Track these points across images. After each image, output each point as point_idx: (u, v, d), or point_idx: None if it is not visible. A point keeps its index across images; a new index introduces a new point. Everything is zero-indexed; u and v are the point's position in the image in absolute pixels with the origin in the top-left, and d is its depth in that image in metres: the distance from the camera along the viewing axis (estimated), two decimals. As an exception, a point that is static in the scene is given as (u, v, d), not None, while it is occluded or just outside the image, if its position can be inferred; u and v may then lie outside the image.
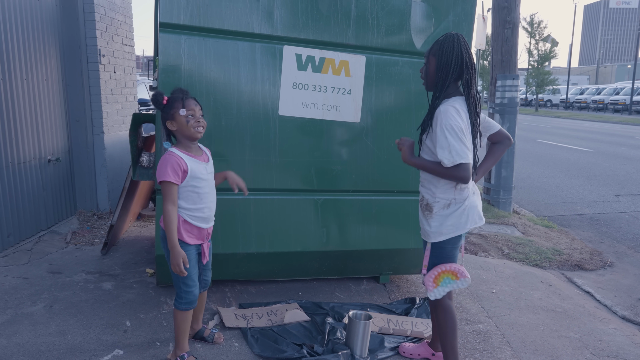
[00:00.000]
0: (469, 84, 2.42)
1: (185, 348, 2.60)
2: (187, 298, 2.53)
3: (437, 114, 2.37)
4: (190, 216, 2.48)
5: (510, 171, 6.41)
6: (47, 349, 2.70)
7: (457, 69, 2.38)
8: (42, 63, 4.49)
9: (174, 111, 2.42)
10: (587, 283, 4.41)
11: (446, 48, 2.38)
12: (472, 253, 4.99)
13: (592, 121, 26.38)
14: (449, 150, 2.28)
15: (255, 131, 3.15)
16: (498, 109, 6.31)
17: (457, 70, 2.39)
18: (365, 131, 3.35)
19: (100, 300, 3.33)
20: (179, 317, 2.56)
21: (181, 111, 2.40)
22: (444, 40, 2.41)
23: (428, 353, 2.86)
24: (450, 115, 2.31)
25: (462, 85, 2.44)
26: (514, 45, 6.19)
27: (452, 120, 2.30)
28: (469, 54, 2.41)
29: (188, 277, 2.50)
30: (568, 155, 12.65)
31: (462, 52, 2.38)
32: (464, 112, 2.37)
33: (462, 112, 2.36)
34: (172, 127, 2.44)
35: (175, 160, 2.38)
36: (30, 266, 3.87)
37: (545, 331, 3.30)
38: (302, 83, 3.18)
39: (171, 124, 2.44)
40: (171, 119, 2.43)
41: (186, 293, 2.52)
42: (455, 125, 2.29)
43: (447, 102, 2.38)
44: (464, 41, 2.40)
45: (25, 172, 4.28)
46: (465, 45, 2.41)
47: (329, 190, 3.37)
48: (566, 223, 6.44)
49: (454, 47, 2.37)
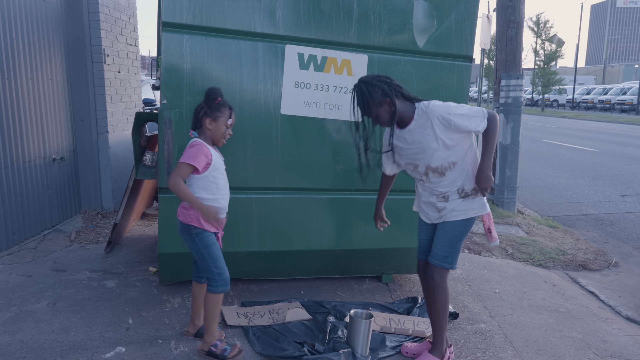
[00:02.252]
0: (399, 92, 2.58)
1: (216, 336, 2.68)
2: (223, 279, 2.60)
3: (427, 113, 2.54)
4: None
5: (515, 171, 6.39)
6: (50, 345, 2.72)
7: (385, 92, 2.52)
8: (47, 63, 4.53)
9: (220, 115, 2.57)
10: (591, 283, 4.39)
11: (370, 94, 2.51)
12: (476, 253, 4.97)
13: (598, 121, 26.22)
14: (474, 116, 2.51)
15: (258, 130, 3.16)
16: (502, 109, 6.29)
17: (385, 93, 2.52)
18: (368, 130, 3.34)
19: (103, 298, 3.35)
20: (212, 301, 2.62)
21: (229, 121, 2.61)
22: (364, 92, 2.53)
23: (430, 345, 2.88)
24: (437, 103, 2.55)
25: (398, 96, 2.58)
26: (519, 45, 6.17)
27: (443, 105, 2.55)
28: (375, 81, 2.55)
29: (217, 258, 2.61)
30: (574, 155, 12.58)
31: (375, 84, 2.52)
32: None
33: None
34: (209, 126, 2.58)
35: (206, 150, 2.55)
36: (35, 264, 3.90)
37: (548, 331, 3.28)
38: (304, 82, 3.18)
39: (210, 123, 2.57)
40: (214, 119, 2.57)
41: (220, 275, 2.60)
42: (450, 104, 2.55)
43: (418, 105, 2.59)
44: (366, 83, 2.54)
45: (30, 171, 4.32)
46: (368, 82, 2.54)
47: (330, 189, 3.38)
48: (571, 223, 6.41)
49: (372, 87, 2.51)
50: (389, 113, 2.55)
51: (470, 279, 4.14)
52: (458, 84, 3.46)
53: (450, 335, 3.10)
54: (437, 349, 2.74)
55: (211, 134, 2.60)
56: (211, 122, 2.57)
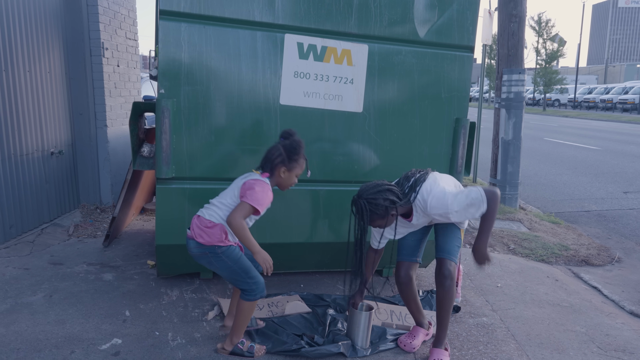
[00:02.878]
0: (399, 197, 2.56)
1: (242, 336, 2.62)
2: (259, 287, 2.52)
3: (425, 212, 2.56)
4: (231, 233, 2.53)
5: (517, 167, 6.34)
6: (45, 337, 2.68)
7: (388, 208, 2.50)
8: (45, 55, 4.49)
9: (296, 166, 2.54)
10: (594, 278, 4.34)
11: (373, 211, 2.49)
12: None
13: (600, 120, 26.15)
14: (472, 204, 2.49)
15: (256, 120, 3.12)
16: (504, 104, 6.24)
17: (388, 208, 2.50)
18: (368, 121, 3.30)
19: (100, 290, 3.31)
20: (248, 308, 2.53)
21: (308, 174, 2.64)
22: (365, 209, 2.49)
23: (424, 336, 2.87)
24: (434, 203, 2.52)
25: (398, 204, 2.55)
26: (520, 39, 6.12)
27: (439, 201, 2.52)
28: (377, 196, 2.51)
29: (249, 268, 2.53)
30: (576, 153, 12.53)
31: (377, 201, 2.48)
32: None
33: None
34: (282, 174, 2.53)
35: (271, 194, 2.51)
36: (32, 257, 3.87)
37: (551, 325, 3.24)
38: (303, 72, 3.14)
39: (284, 172, 2.53)
40: (289, 169, 2.53)
41: (256, 284, 2.51)
42: (447, 197, 2.51)
43: (414, 204, 2.59)
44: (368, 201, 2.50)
45: (27, 164, 4.28)
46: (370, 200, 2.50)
47: (330, 181, 3.33)
48: (573, 219, 6.36)
49: (375, 206, 2.48)
50: (391, 222, 2.58)
51: (471, 273, 4.10)
52: (460, 75, 3.42)
53: (452, 329, 3.06)
54: (442, 342, 2.71)
55: (280, 181, 2.55)
56: (285, 171, 2.52)
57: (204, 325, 2.92)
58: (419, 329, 2.89)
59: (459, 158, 3.49)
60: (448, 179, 2.70)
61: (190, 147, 3.04)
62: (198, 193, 3.11)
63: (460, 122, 3.45)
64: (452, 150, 3.49)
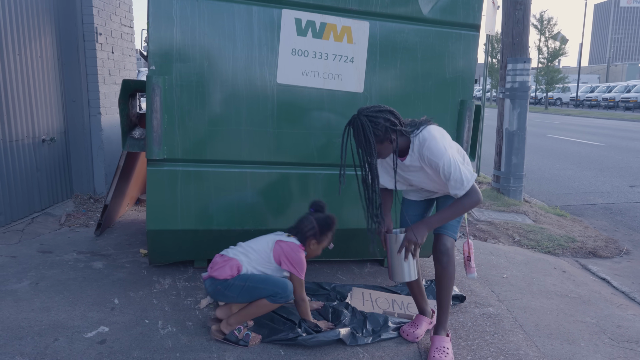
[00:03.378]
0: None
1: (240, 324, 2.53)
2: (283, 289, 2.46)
3: (420, 153, 2.36)
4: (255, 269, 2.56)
5: (521, 158, 6.19)
6: (28, 324, 2.55)
7: (388, 129, 2.31)
8: (36, 39, 4.35)
9: (325, 240, 2.64)
10: (603, 270, 4.20)
11: (373, 130, 2.29)
12: (482, 239, 4.78)
13: (603, 118, 25.95)
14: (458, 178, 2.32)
15: (252, 99, 2.98)
16: (508, 94, 6.09)
17: (388, 129, 2.31)
18: (369, 102, 3.16)
19: (89, 278, 3.17)
20: (265, 306, 2.47)
21: (330, 246, 2.69)
22: (365, 127, 2.29)
23: (427, 325, 2.74)
24: (431, 145, 2.33)
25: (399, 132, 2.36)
26: (525, 27, 5.97)
27: (435, 148, 2.33)
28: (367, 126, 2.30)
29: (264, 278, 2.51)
30: (579, 149, 12.37)
31: (378, 120, 2.29)
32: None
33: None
34: (312, 246, 2.62)
35: (305, 261, 2.59)
36: (21, 246, 3.73)
37: (560, 316, 3.10)
38: (301, 49, 3.00)
39: (314, 244, 2.62)
40: (318, 242, 2.63)
41: (277, 287, 2.47)
42: (443, 151, 2.32)
43: (413, 140, 2.38)
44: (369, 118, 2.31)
45: (17, 151, 4.14)
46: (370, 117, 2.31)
47: (330, 165, 3.19)
48: (579, 212, 6.21)
49: (375, 124, 2.29)
50: (389, 150, 2.37)
51: (476, 264, 3.95)
52: (465, 55, 3.28)
53: (457, 319, 2.92)
54: (444, 327, 2.57)
55: (309, 251, 2.64)
56: (315, 244, 2.62)
57: (197, 314, 2.78)
58: (422, 317, 2.75)
59: (463, 142, 3.35)
60: (454, 144, 2.48)
61: (183, 127, 2.90)
62: (191, 176, 2.98)
63: (466, 104, 3.31)
64: (457, 134, 3.35)
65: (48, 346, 2.35)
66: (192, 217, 3.03)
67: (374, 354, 2.50)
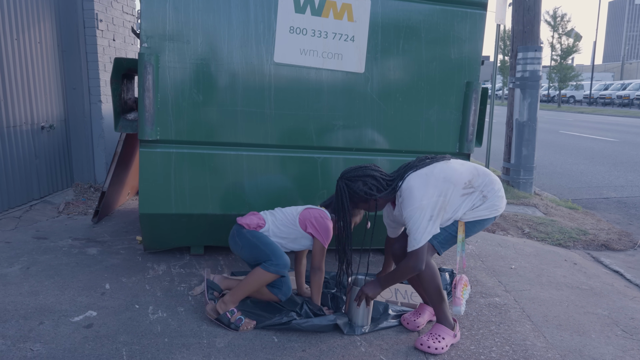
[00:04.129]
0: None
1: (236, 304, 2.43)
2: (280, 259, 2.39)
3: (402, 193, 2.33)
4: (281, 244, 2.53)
5: (532, 149, 6.02)
6: (14, 308, 2.47)
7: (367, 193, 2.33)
8: (35, 24, 4.29)
9: (357, 213, 2.60)
10: (616, 262, 4.03)
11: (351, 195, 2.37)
12: (490, 231, 4.64)
13: (617, 116, 25.50)
14: (414, 237, 2.30)
15: (248, 79, 2.87)
16: (519, 83, 5.92)
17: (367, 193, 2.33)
18: (370, 83, 3.04)
19: (82, 264, 3.09)
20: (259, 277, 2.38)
21: (367, 225, 2.61)
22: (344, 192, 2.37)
23: (430, 315, 2.61)
24: (407, 204, 2.31)
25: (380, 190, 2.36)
26: (537, 15, 5.80)
27: (410, 201, 2.32)
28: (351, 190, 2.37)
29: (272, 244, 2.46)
30: (592, 144, 12.11)
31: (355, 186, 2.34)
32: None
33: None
34: (358, 208, 2.46)
35: (332, 231, 2.53)
36: (16, 232, 3.67)
37: (570, 307, 2.95)
38: (300, 27, 2.89)
39: (363, 206, 2.43)
40: (364, 206, 2.44)
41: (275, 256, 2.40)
42: (414, 205, 2.31)
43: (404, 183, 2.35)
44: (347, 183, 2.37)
45: (15, 137, 4.08)
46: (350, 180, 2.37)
47: (329, 148, 3.08)
48: (592, 206, 6.03)
49: (355, 184, 2.34)
50: (371, 209, 2.41)
51: (483, 255, 3.82)
52: (471, 34, 3.14)
53: (460, 308, 2.79)
54: (443, 319, 2.42)
55: (353, 212, 2.57)
56: (364, 204, 2.47)
57: (189, 300, 2.68)
58: (425, 307, 2.62)
59: (469, 125, 3.21)
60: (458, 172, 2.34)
61: (177, 108, 2.80)
62: (185, 158, 2.88)
63: (472, 86, 3.17)
64: (463, 117, 3.21)
65: (32, 329, 2.27)
66: (186, 201, 2.93)
67: (372, 342, 2.38)
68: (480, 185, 2.36)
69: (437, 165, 2.33)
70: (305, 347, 2.29)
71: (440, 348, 2.30)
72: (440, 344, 2.31)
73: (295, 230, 2.50)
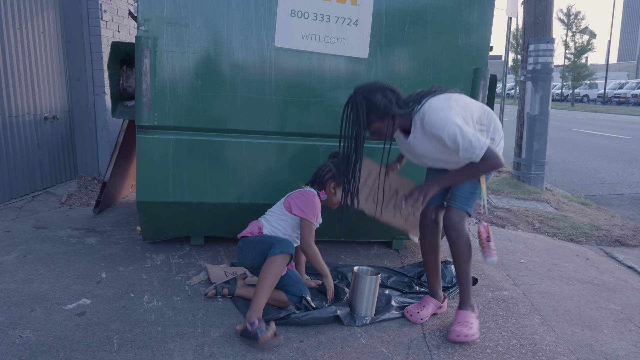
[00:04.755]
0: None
1: (260, 312, 2.17)
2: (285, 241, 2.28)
3: (424, 128, 2.18)
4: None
5: (544, 144, 5.87)
6: (6, 295, 2.42)
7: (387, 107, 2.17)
8: (38, 14, 4.26)
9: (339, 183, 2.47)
10: (630, 258, 3.89)
11: (369, 108, 2.16)
12: (499, 226, 4.52)
13: (632, 115, 25.07)
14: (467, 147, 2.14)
15: (248, 64, 2.79)
16: (530, 76, 5.78)
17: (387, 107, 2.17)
18: (375, 68, 2.95)
19: (79, 253, 3.04)
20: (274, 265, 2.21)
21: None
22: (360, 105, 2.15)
23: (435, 308, 2.51)
24: (432, 118, 2.16)
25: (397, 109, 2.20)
26: (549, 5, 5.65)
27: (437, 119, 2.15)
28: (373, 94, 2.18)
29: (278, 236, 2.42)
30: (606, 142, 11.88)
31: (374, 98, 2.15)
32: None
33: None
34: (332, 190, 2.49)
35: (319, 206, 2.46)
36: (16, 222, 3.63)
37: (581, 302, 2.84)
38: (301, 11, 2.80)
39: (334, 187, 2.49)
40: (339, 185, 2.47)
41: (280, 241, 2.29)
42: (447, 119, 2.15)
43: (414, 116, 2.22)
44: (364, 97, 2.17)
45: (17, 127, 4.05)
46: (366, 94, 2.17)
47: (332, 136, 2.99)
48: (605, 202, 5.87)
49: (374, 96, 2.15)
50: (388, 130, 2.22)
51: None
52: (479, 19, 3.03)
53: (466, 301, 2.69)
54: (467, 302, 2.38)
55: (330, 198, 2.51)
56: (335, 186, 2.48)
57: (186, 289, 2.61)
58: (430, 299, 2.53)
59: (477, 113, 3.10)
60: (473, 108, 2.26)
61: (174, 93, 2.74)
62: (183, 145, 2.81)
63: (480, 72, 3.07)
64: (470, 105, 3.10)
65: (23, 316, 2.22)
66: (185, 188, 2.87)
67: (373, 334, 2.29)
68: (488, 125, 2.29)
69: (452, 94, 2.24)
70: (303, 337, 2.21)
71: (473, 334, 2.25)
72: (472, 330, 2.26)
73: (287, 219, 2.43)
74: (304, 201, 2.41)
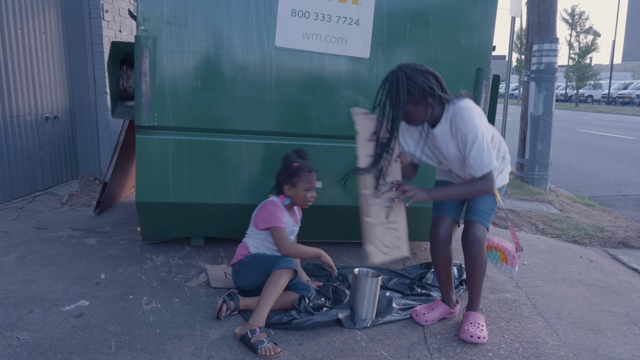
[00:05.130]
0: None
1: (262, 321, 2.15)
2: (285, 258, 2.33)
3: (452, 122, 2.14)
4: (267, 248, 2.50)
5: (547, 145, 5.83)
6: (4, 296, 2.40)
7: (427, 91, 2.10)
8: (40, 13, 4.25)
9: (298, 180, 2.42)
10: (634, 260, 3.86)
11: (409, 88, 2.07)
12: (501, 227, 4.48)
13: (636, 115, 24.95)
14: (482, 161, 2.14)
15: (248, 64, 2.77)
16: (534, 76, 5.74)
17: (428, 92, 2.10)
18: (376, 68, 2.92)
19: (79, 254, 3.03)
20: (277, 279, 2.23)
21: (309, 185, 2.43)
22: (401, 83, 2.07)
23: (446, 313, 2.48)
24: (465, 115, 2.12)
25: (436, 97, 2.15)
26: (553, 5, 5.62)
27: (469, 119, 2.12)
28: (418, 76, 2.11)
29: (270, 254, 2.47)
30: (610, 142, 11.81)
31: (418, 79, 2.08)
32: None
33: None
34: (288, 192, 2.46)
35: (281, 211, 2.43)
36: (17, 222, 3.62)
37: (585, 304, 2.81)
38: (302, 10, 2.78)
39: (289, 189, 2.45)
40: (292, 185, 2.44)
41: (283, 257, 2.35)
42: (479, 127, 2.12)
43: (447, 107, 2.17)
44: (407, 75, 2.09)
45: (18, 127, 4.04)
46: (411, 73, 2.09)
47: (333, 137, 2.97)
48: (609, 203, 5.83)
49: (413, 82, 2.07)
50: (422, 114, 2.15)
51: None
52: (482, 19, 3.00)
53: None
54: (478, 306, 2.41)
55: (292, 199, 2.48)
56: (290, 188, 2.45)
57: (185, 291, 2.60)
58: (441, 303, 2.48)
59: (480, 114, 3.07)
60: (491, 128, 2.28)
61: (174, 93, 2.72)
62: (183, 145, 2.79)
63: (482, 72, 3.04)
64: (473, 105, 3.07)
65: (21, 318, 2.20)
66: (184, 189, 2.85)
67: (373, 337, 2.26)
68: (498, 145, 2.30)
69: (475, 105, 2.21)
70: (302, 340, 2.18)
71: (484, 337, 2.26)
72: (483, 333, 2.27)
73: (261, 236, 2.46)
74: (264, 213, 2.42)
